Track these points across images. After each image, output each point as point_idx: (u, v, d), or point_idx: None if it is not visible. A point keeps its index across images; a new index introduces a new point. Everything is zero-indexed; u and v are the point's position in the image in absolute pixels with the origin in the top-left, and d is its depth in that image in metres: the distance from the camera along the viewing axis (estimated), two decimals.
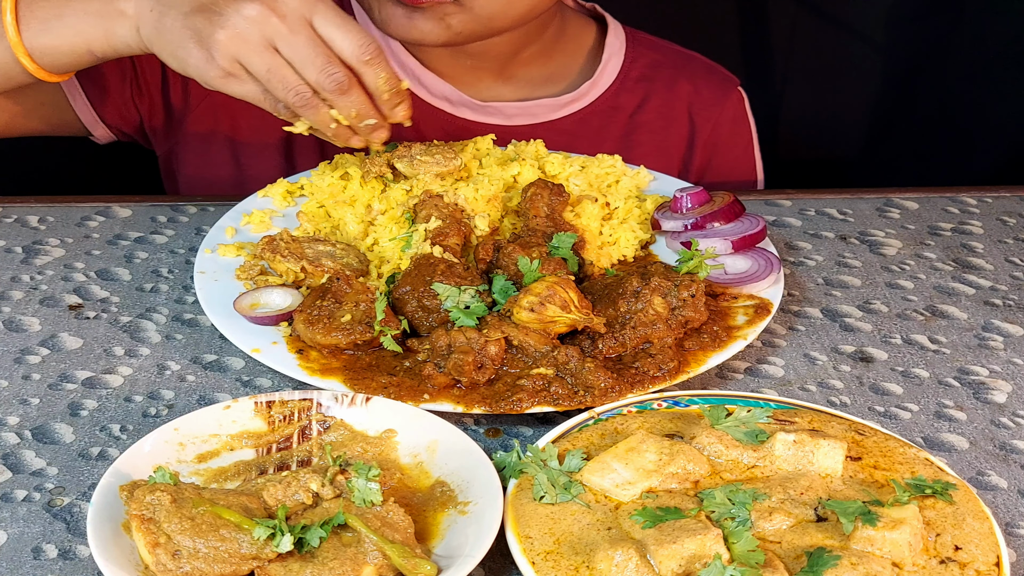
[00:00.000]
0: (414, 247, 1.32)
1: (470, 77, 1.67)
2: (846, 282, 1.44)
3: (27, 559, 0.98)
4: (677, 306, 1.22)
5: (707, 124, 1.76)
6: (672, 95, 1.75)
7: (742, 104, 1.80)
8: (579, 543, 0.95)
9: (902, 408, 1.21)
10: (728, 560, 0.91)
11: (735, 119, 1.79)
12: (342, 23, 1.24)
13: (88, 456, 1.10)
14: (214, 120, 1.64)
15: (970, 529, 0.98)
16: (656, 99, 1.74)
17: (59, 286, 1.36)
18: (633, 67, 1.74)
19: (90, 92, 1.58)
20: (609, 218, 1.45)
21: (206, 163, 1.66)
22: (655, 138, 1.63)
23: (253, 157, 1.65)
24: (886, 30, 2.50)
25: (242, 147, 1.64)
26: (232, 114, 1.64)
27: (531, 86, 1.71)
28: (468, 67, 1.66)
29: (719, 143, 1.77)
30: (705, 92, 1.77)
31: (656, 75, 1.75)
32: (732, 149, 1.79)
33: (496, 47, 1.62)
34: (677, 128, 1.75)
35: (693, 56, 1.81)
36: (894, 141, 2.55)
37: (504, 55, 1.65)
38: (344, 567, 0.91)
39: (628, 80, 1.73)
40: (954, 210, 1.62)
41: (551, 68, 1.72)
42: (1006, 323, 1.36)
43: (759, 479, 1.02)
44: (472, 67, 1.66)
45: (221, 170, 1.66)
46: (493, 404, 1.13)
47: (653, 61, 1.76)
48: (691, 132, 1.76)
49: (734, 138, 1.80)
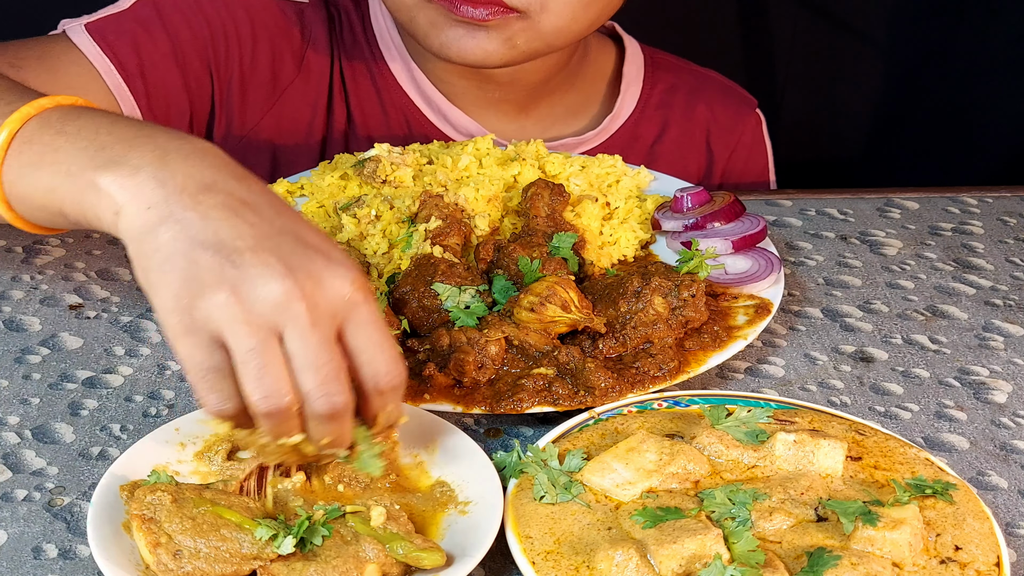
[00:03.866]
0: (414, 247, 1.32)
1: (494, 111, 1.66)
2: (846, 282, 1.44)
3: (27, 559, 0.98)
4: (678, 306, 1.22)
5: (724, 151, 1.75)
6: (690, 123, 1.73)
7: (759, 128, 1.79)
8: (579, 543, 0.95)
9: (902, 408, 1.21)
10: (728, 560, 0.91)
11: (752, 144, 1.78)
12: (381, 340, 0.93)
13: (88, 456, 1.10)
14: (254, 151, 1.63)
15: (970, 529, 0.98)
16: (674, 128, 1.73)
17: (59, 286, 1.36)
18: (652, 94, 1.72)
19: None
20: (609, 218, 1.45)
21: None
22: (673, 168, 1.61)
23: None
24: (887, 30, 2.50)
25: (279, 174, 1.62)
26: (272, 149, 1.63)
27: (552, 119, 1.69)
28: (493, 100, 1.64)
29: (735, 169, 1.77)
30: (722, 117, 1.75)
31: (673, 100, 1.73)
32: (747, 175, 1.78)
33: (527, 75, 1.59)
34: (695, 156, 1.74)
35: (710, 76, 1.79)
36: (895, 141, 2.55)
37: (532, 84, 1.63)
38: (347, 564, 0.91)
39: (648, 108, 1.72)
40: (955, 210, 1.62)
41: (572, 99, 1.70)
42: (1007, 323, 1.36)
43: (759, 479, 1.02)
44: (498, 99, 1.64)
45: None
46: (493, 404, 1.13)
47: (671, 86, 1.74)
48: (708, 160, 1.75)
49: (749, 163, 1.79)
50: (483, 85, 1.61)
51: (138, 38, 1.50)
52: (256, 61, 1.58)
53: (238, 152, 1.61)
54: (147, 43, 1.50)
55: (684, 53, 1.83)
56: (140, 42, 1.50)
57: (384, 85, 1.64)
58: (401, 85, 1.63)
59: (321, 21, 1.62)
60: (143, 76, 1.49)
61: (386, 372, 0.94)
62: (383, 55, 1.63)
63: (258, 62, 1.58)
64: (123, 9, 1.51)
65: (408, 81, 1.63)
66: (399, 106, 1.64)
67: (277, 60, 1.60)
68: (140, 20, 1.51)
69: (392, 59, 1.63)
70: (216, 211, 0.89)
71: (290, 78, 1.61)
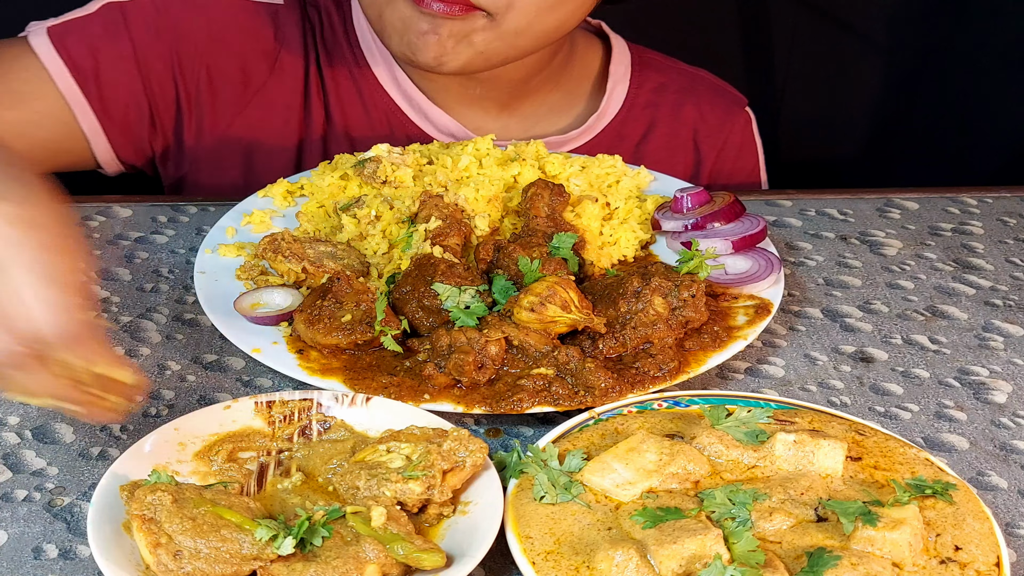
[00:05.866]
0: (414, 247, 1.32)
1: (476, 110, 1.65)
2: (846, 282, 1.44)
3: (27, 559, 0.98)
4: (678, 306, 1.22)
5: (712, 151, 1.74)
6: (677, 122, 1.73)
7: (749, 127, 1.78)
8: (579, 543, 0.95)
9: (902, 408, 1.21)
10: (728, 560, 0.91)
11: (741, 144, 1.77)
12: (45, 294, 0.95)
13: (88, 456, 1.10)
14: (228, 153, 1.63)
15: (970, 529, 0.98)
16: (661, 127, 1.72)
17: None
18: (639, 93, 1.71)
19: (110, 133, 1.55)
20: (609, 218, 1.45)
21: (217, 190, 1.65)
22: (660, 168, 1.61)
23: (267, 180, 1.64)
24: (887, 31, 2.50)
25: (254, 175, 1.63)
26: (247, 150, 1.63)
27: (536, 118, 1.69)
28: (475, 98, 1.63)
29: (723, 170, 1.76)
30: (710, 117, 1.74)
31: (661, 100, 1.73)
32: (736, 174, 1.78)
33: (508, 73, 1.58)
34: (682, 156, 1.73)
35: (699, 76, 1.78)
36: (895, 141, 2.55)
37: (515, 82, 1.62)
38: (347, 565, 0.91)
39: (634, 108, 1.71)
40: (954, 210, 1.62)
41: (557, 97, 1.70)
42: (1006, 323, 1.36)
43: (759, 479, 1.02)
44: (479, 97, 1.63)
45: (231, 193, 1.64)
46: (493, 404, 1.13)
47: (659, 85, 1.73)
48: (696, 160, 1.74)
49: (739, 163, 1.78)
50: (464, 82, 1.61)
51: (98, 41, 1.51)
52: (224, 62, 1.58)
53: (212, 152, 1.62)
54: (106, 46, 1.51)
55: (684, 53, 1.82)
56: (99, 45, 1.51)
57: (365, 85, 1.63)
58: (383, 85, 1.63)
59: (295, 23, 1.61)
60: (97, 79, 1.50)
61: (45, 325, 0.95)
62: (365, 56, 1.63)
63: (226, 63, 1.58)
64: (89, 13, 1.52)
65: (390, 81, 1.63)
66: (381, 106, 1.63)
67: (247, 61, 1.59)
68: (104, 23, 1.52)
69: (374, 59, 1.62)
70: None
71: (262, 79, 1.61)
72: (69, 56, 1.49)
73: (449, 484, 1.00)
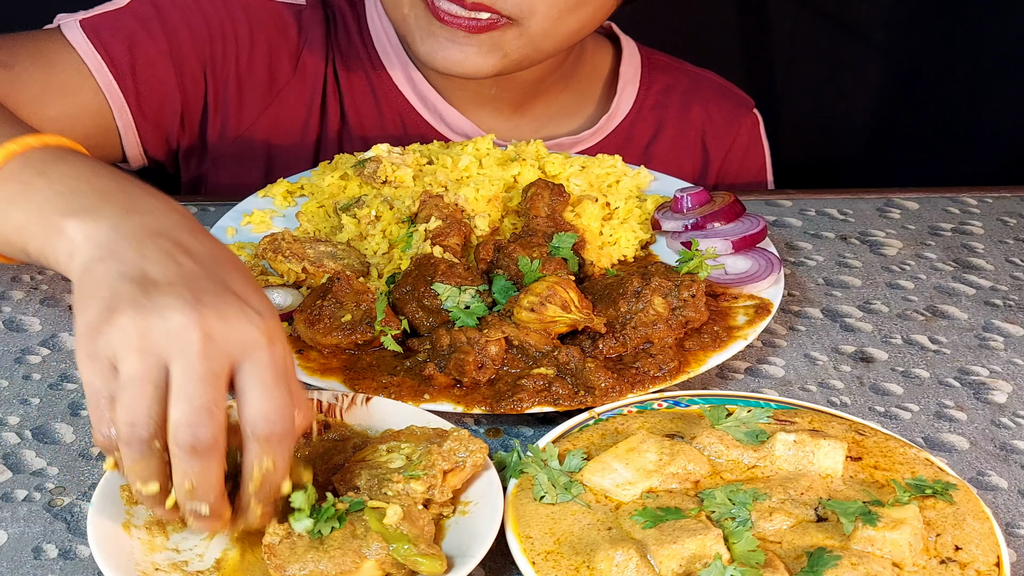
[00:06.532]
0: (414, 247, 1.32)
1: (489, 110, 1.65)
2: (846, 282, 1.44)
3: (27, 559, 0.98)
4: (678, 306, 1.22)
5: (719, 152, 1.75)
6: (685, 124, 1.73)
7: (756, 128, 1.79)
8: (579, 543, 0.95)
9: (902, 408, 1.21)
10: (728, 560, 0.91)
11: (748, 145, 1.78)
12: (271, 385, 0.87)
13: (88, 456, 1.10)
14: (249, 152, 1.63)
15: (970, 529, 0.98)
16: (669, 128, 1.72)
17: (60, 286, 1.36)
18: (648, 95, 1.72)
19: (142, 129, 1.54)
20: (609, 218, 1.45)
21: (235, 189, 1.65)
22: (668, 169, 1.61)
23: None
24: (887, 31, 2.50)
25: (273, 174, 1.62)
26: (267, 149, 1.63)
27: (547, 119, 1.69)
28: (489, 97, 1.64)
29: (731, 170, 1.76)
30: (717, 118, 1.75)
31: (669, 101, 1.73)
32: (743, 175, 1.78)
33: (523, 74, 1.57)
34: (689, 157, 1.74)
35: (706, 77, 1.79)
36: (895, 141, 2.55)
37: (529, 83, 1.63)
38: (346, 557, 0.91)
39: (644, 109, 1.71)
40: (954, 210, 1.62)
41: (568, 98, 1.70)
42: (1006, 323, 1.36)
43: (759, 479, 1.02)
44: (493, 98, 1.64)
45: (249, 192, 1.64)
46: (494, 404, 1.13)
47: (667, 86, 1.74)
48: (704, 162, 1.75)
49: (746, 164, 1.78)
50: (480, 83, 1.61)
51: (134, 36, 1.49)
52: (253, 62, 1.58)
53: (233, 151, 1.62)
54: (143, 41, 1.50)
55: (684, 53, 1.83)
56: (135, 40, 1.49)
57: (380, 85, 1.64)
58: (397, 85, 1.63)
59: (319, 22, 1.62)
60: (134, 74, 1.49)
61: (265, 418, 0.86)
62: (379, 55, 1.63)
63: (255, 63, 1.58)
64: (121, 6, 1.51)
65: (404, 81, 1.63)
66: (395, 106, 1.64)
67: (274, 61, 1.60)
68: (138, 17, 1.51)
69: (388, 59, 1.63)
70: (154, 252, 0.90)
71: (286, 79, 1.61)
72: (106, 51, 1.47)
73: (449, 484, 1.00)
